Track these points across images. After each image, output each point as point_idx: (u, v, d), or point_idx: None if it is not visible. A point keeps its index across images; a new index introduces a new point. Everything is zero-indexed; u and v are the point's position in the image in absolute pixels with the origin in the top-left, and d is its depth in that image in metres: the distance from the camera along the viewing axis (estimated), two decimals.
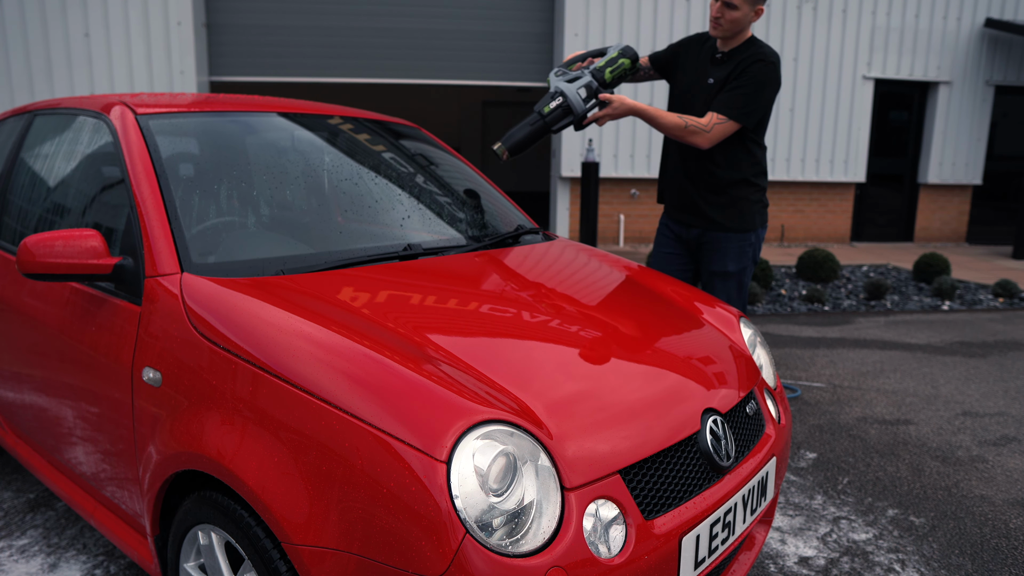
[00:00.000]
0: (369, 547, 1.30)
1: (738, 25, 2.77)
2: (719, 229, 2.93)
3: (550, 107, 2.67)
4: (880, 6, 9.82)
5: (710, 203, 2.92)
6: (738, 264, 2.95)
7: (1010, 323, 5.91)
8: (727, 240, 2.93)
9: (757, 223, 2.95)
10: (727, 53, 2.85)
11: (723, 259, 2.94)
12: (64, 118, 2.46)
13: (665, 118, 2.74)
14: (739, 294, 3.01)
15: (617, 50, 2.79)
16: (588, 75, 2.72)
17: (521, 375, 1.55)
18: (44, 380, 2.15)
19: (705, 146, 2.76)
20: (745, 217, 2.91)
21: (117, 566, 2.31)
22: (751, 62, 2.76)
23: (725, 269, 2.95)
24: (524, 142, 2.67)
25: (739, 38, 2.84)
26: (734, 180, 2.88)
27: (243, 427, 1.47)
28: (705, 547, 1.58)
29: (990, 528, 2.65)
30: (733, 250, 2.94)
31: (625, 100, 2.70)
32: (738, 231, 2.92)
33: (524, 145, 2.68)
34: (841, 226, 10.42)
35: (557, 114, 2.67)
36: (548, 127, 2.68)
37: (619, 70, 2.78)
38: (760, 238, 2.98)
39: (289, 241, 2.09)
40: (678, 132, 2.73)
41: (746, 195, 2.90)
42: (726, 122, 2.74)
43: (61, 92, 8.16)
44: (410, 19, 8.93)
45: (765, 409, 2.01)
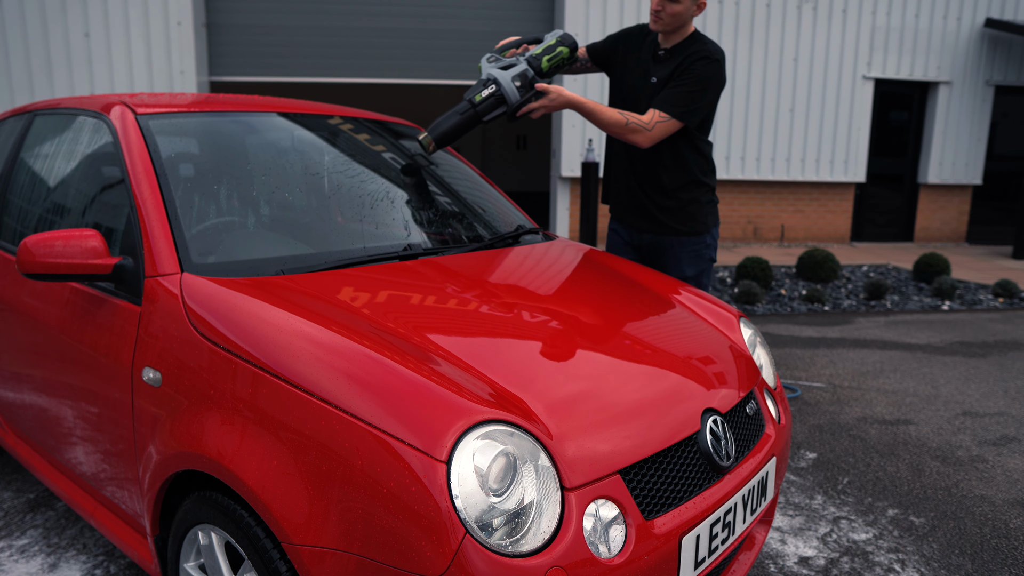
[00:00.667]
0: (369, 547, 1.30)
1: (680, 19, 2.65)
2: (673, 233, 2.82)
3: (482, 95, 2.47)
4: (880, 6, 9.82)
5: (661, 207, 2.81)
6: (696, 268, 2.86)
7: (1010, 323, 5.91)
8: (682, 245, 2.83)
9: (710, 223, 2.85)
10: (669, 50, 2.73)
11: (679, 264, 2.84)
12: (64, 118, 2.46)
13: (605, 114, 2.59)
14: None
15: (555, 37, 2.61)
16: (524, 63, 2.53)
17: (521, 375, 1.55)
18: (44, 380, 2.15)
19: (645, 145, 2.63)
20: (698, 219, 2.81)
21: (117, 566, 2.31)
22: (695, 59, 2.64)
23: (683, 274, 2.85)
24: (453, 132, 2.48)
25: (681, 33, 2.72)
26: (684, 182, 2.77)
27: (243, 427, 1.47)
28: (705, 547, 1.58)
29: (990, 528, 2.65)
30: (688, 254, 2.84)
31: (563, 92, 2.54)
32: (693, 234, 2.82)
33: (453, 136, 2.49)
34: (841, 226, 10.42)
35: (489, 103, 2.48)
36: (479, 117, 2.49)
37: (557, 59, 2.59)
38: (715, 237, 2.88)
39: (289, 241, 2.09)
40: (618, 129, 2.61)
41: (696, 196, 2.80)
42: (668, 120, 2.61)
43: (61, 92, 8.16)
44: (410, 19, 8.93)
45: (765, 409, 2.01)
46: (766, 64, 9.59)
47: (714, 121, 9.53)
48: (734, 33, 9.43)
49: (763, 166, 9.83)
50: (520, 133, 15.46)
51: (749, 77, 9.56)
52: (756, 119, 9.67)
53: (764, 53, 9.56)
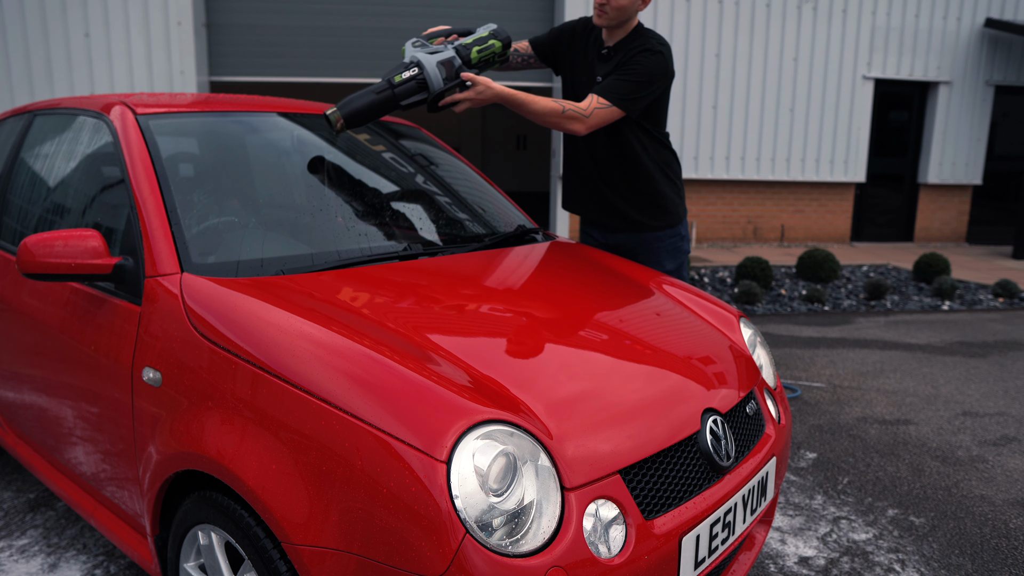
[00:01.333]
0: (369, 547, 1.30)
1: (625, 13, 2.59)
2: (647, 230, 2.80)
3: (402, 77, 2.29)
4: (880, 6, 9.82)
5: (632, 203, 2.77)
6: (675, 261, 2.84)
7: (1010, 323, 5.91)
8: (658, 239, 2.81)
9: (681, 213, 2.83)
10: (613, 47, 2.67)
11: (659, 259, 2.82)
12: (64, 118, 2.46)
13: (538, 104, 2.46)
14: None
15: (488, 30, 2.47)
16: (451, 50, 2.37)
17: (521, 375, 1.55)
18: (44, 380, 2.15)
19: (583, 132, 2.54)
20: (669, 211, 2.80)
21: (117, 566, 2.31)
22: (637, 51, 2.59)
23: (663, 269, 2.83)
24: (365, 112, 2.28)
25: (625, 28, 2.66)
26: (650, 175, 2.74)
27: (243, 427, 1.47)
28: (705, 547, 1.58)
29: (990, 528, 2.65)
30: (666, 248, 2.82)
31: (492, 84, 2.38)
32: (667, 227, 2.80)
33: (365, 116, 2.29)
34: (841, 226, 10.42)
35: (410, 87, 2.31)
36: (397, 99, 2.30)
37: (488, 52, 2.44)
38: (687, 228, 2.86)
39: (289, 241, 2.09)
40: (554, 119, 2.50)
41: (663, 189, 2.78)
42: (608, 107, 2.52)
43: (61, 92, 8.16)
44: (410, 19, 8.93)
45: (765, 409, 2.01)
46: (766, 64, 9.58)
47: (713, 122, 9.54)
48: (734, 33, 9.43)
49: (763, 166, 9.82)
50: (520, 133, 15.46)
51: (749, 77, 9.56)
52: (756, 119, 9.67)
53: (764, 53, 9.56)
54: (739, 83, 9.55)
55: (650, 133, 2.72)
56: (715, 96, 9.51)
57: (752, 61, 9.54)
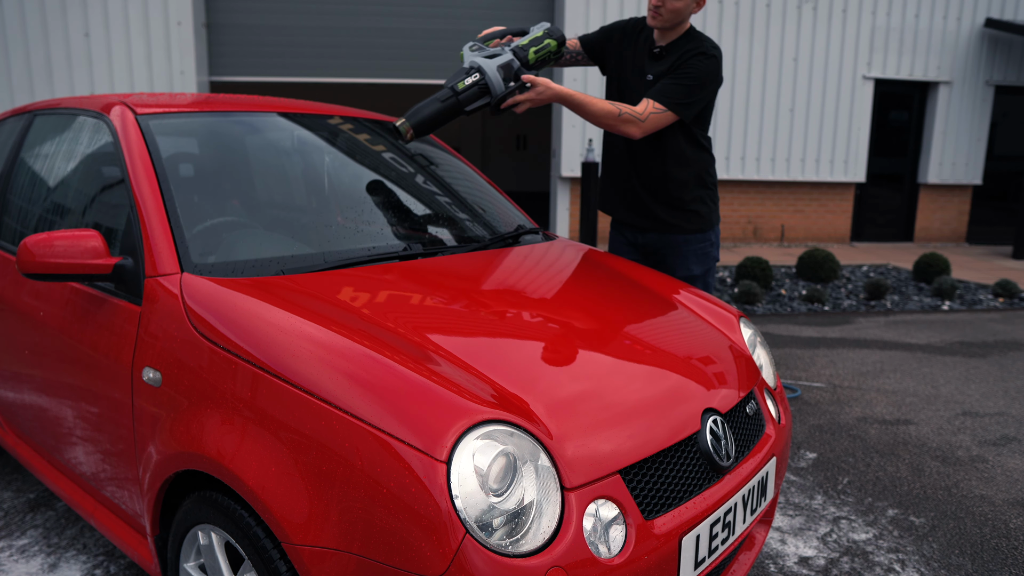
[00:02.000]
0: (369, 547, 1.30)
1: (679, 16, 2.60)
2: (678, 232, 2.79)
3: (465, 84, 2.35)
4: (880, 6, 9.82)
5: (665, 205, 2.77)
6: (702, 266, 2.83)
7: (1010, 323, 5.91)
8: (687, 243, 2.80)
9: (714, 220, 2.83)
10: (666, 47, 2.68)
11: (686, 263, 2.82)
12: (64, 118, 2.46)
13: (595, 105, 2.51)
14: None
15: (543, 30, 2.51)
16: (509, 53, 2.41)
17: (521, 375, 1.55)
18: (44, 380, 2.15)
19: (638, 136, 2.58)
20: (703, 216, 2.80)
21: (117, 566, 2.31)
22: (692, 55, 2.61)
23: (690, 273, 2.82)
24: (432, 120, 2.34)
25: (678, 30, 2.67)
26: (688, 179, 2.75)
27: (243, 427, 1.47)
28: (705, 547, 1.58)
29: (990, 528, 2.65)
30: (695, 252, 2.81)
31: (551, 84, 2.44)
32: (698, 231, 2.80)
33: (433, 124, 2.35)
34: (841, 226, 10.42)
35: (472, 93, 2.35)
36: (461, 106, 2.36)
37: (544, 51, 2.48)
38: (718, 235, 2.87)
39: (289, 241, 2.09)
40: (610, 121, 2.54)
41: (699, 194, 2.78)
42: (663, 112, 2.56)
43: (61, 92, 8.16)
44: (410, 19, 8.93)
45: (765, 409, 2.01)
46: (766, 64, 9.59)
47: (713, 121, 9.53)
48: (734, 33, 9.43)
49: (763, 166, 9.83)
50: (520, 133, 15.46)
51: (749, 77, 9.56)
52: (756, 119, 9.67)
53: (764, 53, 9.56)
54: (739, 83, 9.55)
55: (693, 137, 2.73)
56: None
57: (752, 61, 9.54)
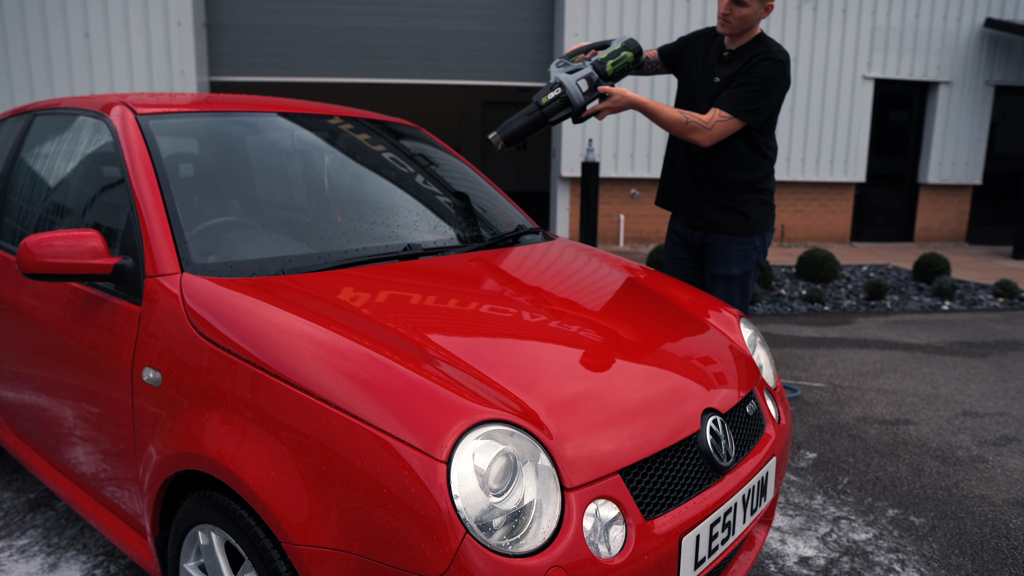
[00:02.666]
0: (369, 547, 1.30)
1: (747, 22, 2.71)
2: (722, 231, 2.88)
3: (548, 98, 2.61)
4: (880, 6, 9.82)
5: (714, 205, 2.87)
6: (741, 268, 2.89)
7: (1010, 323, 5.91)
8: (730, 243, 2.88)
9: (763, 227, 2.89)
10: (735, 51, 2.79)
11: (726, 262, 2.89)
12: (64, 118, 2.46)
13: (665, 113, 2.67)
14: (741, 298, 2.95)
15: (620, 43, 2.73)
16: (589, 66, 2.66)
17: (521, 375, 1.55)
18: (44, 380, 2.15)
19: (706, 144, 2.70)
20: (750, 220, 2.86)
21: (117, 566, 2.31)
22: (760, 59, 2.70)
23: (728, 272, 2.89)
24: (520, 132, 2.62)
25: (747, 35, 2.77)
26: (741, 183, 2.82)
27: (243, 427, 1.47)
28: (705, 547, 1.58)
29: (990, 528, 2.65)
30: (736, 253, 2.88)
31: (626, 93, 2.64)
32: (742, 234, 2.87)
33: (520, 136, 2.62)
34: (841, 226, 10.42)
35: (555, 105, 2.61)
36: (545, 118, 2.62)
37: (621, 63, 2.70)
38: (766, 242, 2.93)
39: (289, 241, 2.09)
40: (679, 128, 2.67)
41: (752, 199, 2.85)
42: (729, 119, 2.67)
43: (61, 92, 8.16)
44: (410, 19, 8.93)
45: (765, 409, 2.01)
46: None
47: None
48: None
49: None
50: None
51: None
52: None
53: None
54: None
55: (755, 143, 2.79)
56: None
57: None
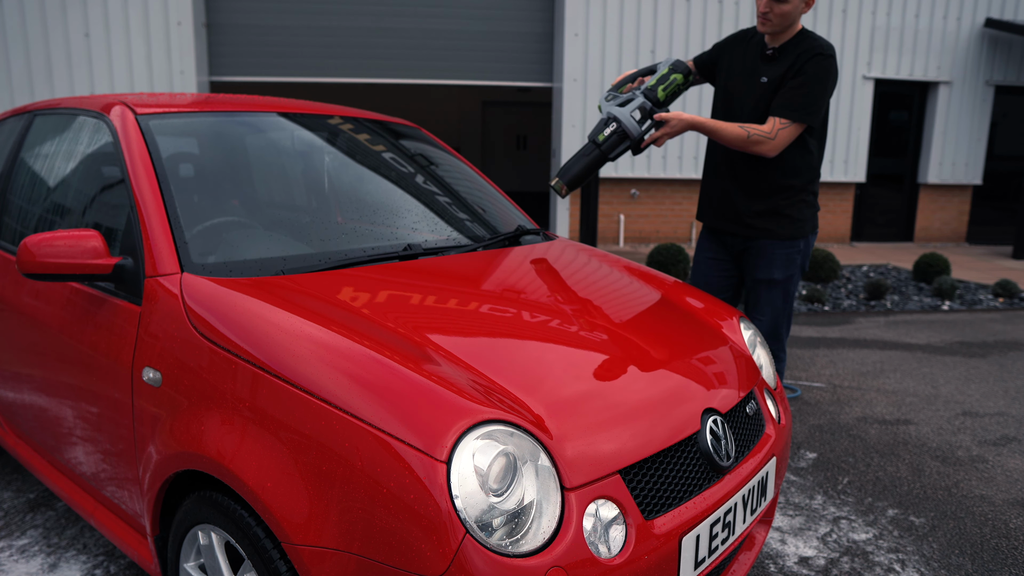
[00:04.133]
0: (369, 547, 1.30)
1: (788, 19, 2.63)
2: (767, 236, 2.79)
3: (604, 135, 2.57)
4: (880, 6, 9.82)
5: (760, 212, 2.78)
6: (785, 272, 2.81)
7: (1010, 323, 5.91)
8: (774, 247, 2.79)
9: (807, 229, 2.81)
10: (779, 48, 2.70)
11: (769, 266, 2.80)
12: (64, 118, 2.46)
13: (726, 130, 2.61)
14: (784, 303, 2.87)
15: (668, 66, 2.67)
16: (640, 96, 2.61)
17: (521, 375, 1.55)
18: (44, 380, 2.15)
19: (772, 154, 2.62)
20: (796, 223, 2.78)
21: (117, 566, 2.31)
22: (809, 57, 2.60)
23: (771, 277, 2.80)
24: (583, 174, 2.59)
25: (790, 32, 2.69)
26: (788, 186, 2.74)
27: (243, 427, 1.47)
28: (705, 547, 1.58)
29: (990, 528, 2.65)
30: (780, 257, 2.79)
31: (683, 116, 2.57)
32: (787, 238, 2.79)
33: (583, 178, 2.61)
34: (841, 226, 10.42)
35: (613, 140, 2.57)
36: (605, 156, 2.59)
37: (672, 87, 2.65)
38: (810, 244, 2.85)
39: (289, 241, 2.09)
40: (741, 143, 2.60)
41: (797, 201, 2.77)
42: (790, 126, 2.60)
43: (61, 92, 8.16)
44: (410, 19, 8.93)
45: (765, 409, 2.01)
46: None
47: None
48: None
49: None
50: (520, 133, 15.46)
51: None
52: None
53: None
54: None
55: (805, 145, 2.71)
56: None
57: None
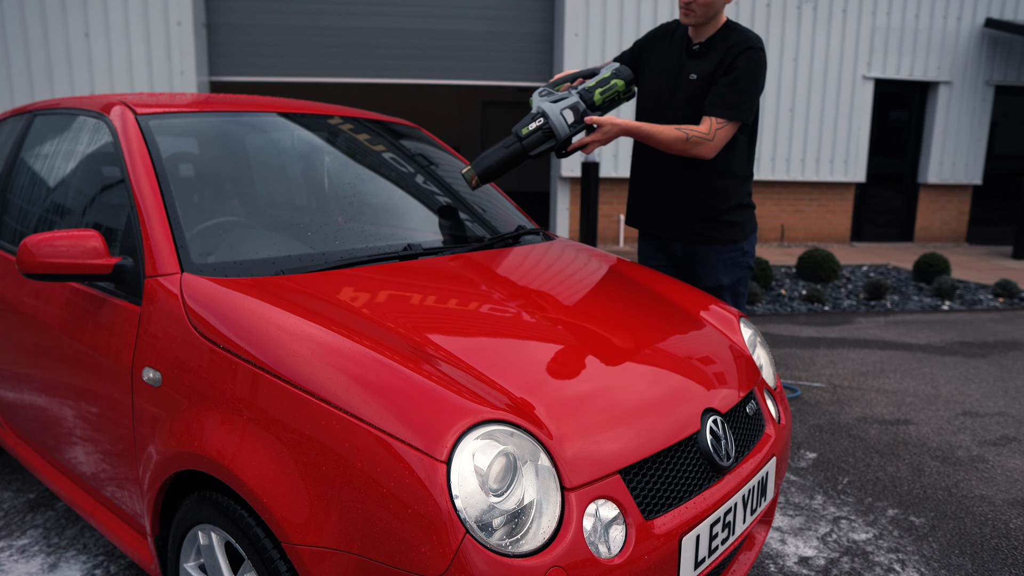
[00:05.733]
0: (369, 547, 1.30)
1: (712, 9, 2.51)
2: (706, 242, 2.70)
3: (529, 128, 2.38)
4: (880, 6, 9.82)
5: (697, 218, 2.68)
6: (731, 276, 2.73)
7: (1010, 323, 5.91)
8: (717, 253, 2.70)
9: (748, 230, 2.73)
10: (705, 43, 2.59)
11: (714, 273, 2.72)
12: (64, 118, 2.46)
13: (664, 133, 2.48)
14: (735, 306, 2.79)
15: (610, 71, 2.51)
16: (575, 95, 2.44)
17: (521, 375, 1.55)
18: (44, 380, 2.15)
19: (710, 155, 2.53)
20: (735, 226, 2.70)
21: (117, 566, 2.31)
22: (739, 51, 2.51)
23: (718, 284, 2.72)
24: (498, 167, 2.38)
25: (715, 24, 2.57)
26: (727, 189, 2.66)
27: (243, 427, 1.47)
28: (705, 547, 1.58)
29: (990, 528, 2.65)
30: (724, 262, 2.71)
31: (616, 121, 2.43)
32: (729, 242, 2.70)
33: (498, 171, 2.39)
34: (841, 226, 10.42)
35: (537, 137, 2.38)
36: (526, 151, 2.39)
37: (610, 92, 2.47)
38: (752, 244, 2.76)
39: (289, 241, 2.09)
40: (680, 146, 2.50)
41: (736, 205, 2.69)
42: (726, 125, 2.51)
43: (61, 92, 8.16)
44: (410, 19, 8.93)
45: (765, 409, 2.01)
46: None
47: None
48: None
49: (763, 166, 9.83)
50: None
51: None
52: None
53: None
54: None
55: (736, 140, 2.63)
56: None
57: None
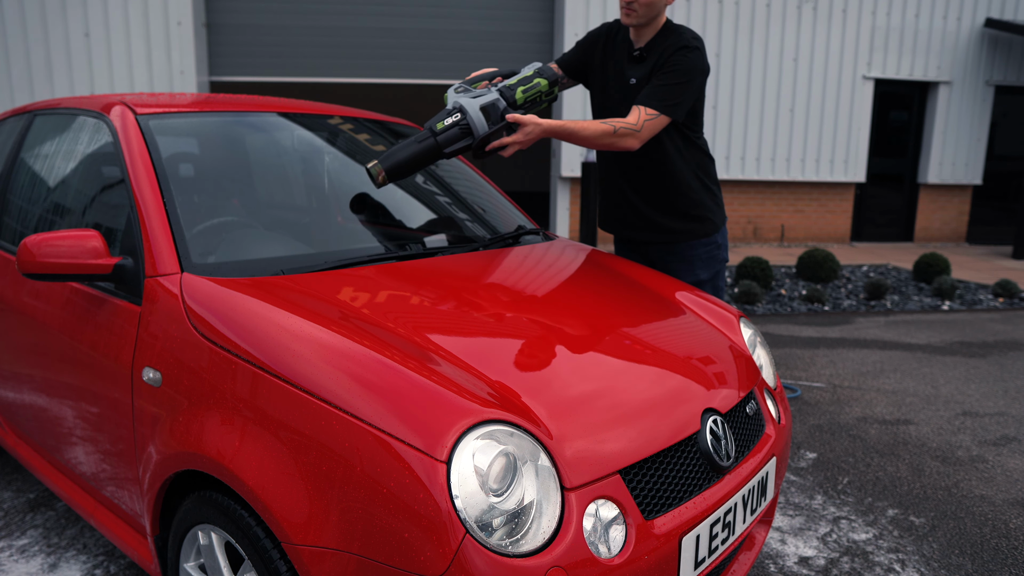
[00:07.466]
0: (369, 547, 1.30)
1: (653, 9, 2.49)
2: (684, 239, 2.70)
3: (444, 124, 2.22)
4: (880, 6, 9.82)
5: (668, 215, 2.67)
6: (710, 270, 2.74)
7: (1010, 323, 5.91)
8: (693, 248, 2.71)
9: (719, 221, 2.73)
10: (645, 47, 2.57)
11: (692, 269, 2.72)
12: (64, 118, 2.46)
13: (589, 129, 2.40)
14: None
15: (533, 69, 2.40)
16: (495, 93, 2.30)
17: (521, 375, 1.55)
18: (44, 380, 2.15)
19: (637, 147, 2.47)
20: (707, 220, 2.70)
21: (117, 566, 2.31)
22: (674, 50, 2.49)
23: (697, 279, 2.73)
24: (408, 164, 2.19)
25: (654, 26, 2.55)
26: (686, 183, 2.65)
27: (243, 427, 1.47)
28: (705, 547, 1.58)
29: (990, 528, 2.65)
30: (701, 257, 2.71)
31: (538, 121, 2.30)
32: (703, 236, 2.70)
33: (408, 167, 2.20)
34: (841, 226, 10.42)
35: (453, 134, 2.22)
36: (440, 148, 2.22)
37: (533, 91, 2.36)
38: (724, 236, 2.77)
39: (289, 241, 2.09)
40: (607, 140, 2.43)
41: (702, 198, 2.68)
42: (656, 117, 2.45)
43: (61, 92, 8.16)
44: (410, 19, 8.93)
45: (765, 409, 2.01)
46: (766, 64, 9.59)
47: (713, 121, 9.54)
48: (734, 33, 9.43)
49: (763, 166, 9.83)
50: None
51: (749, 77, 9.56)
52: (756, 119, 9.67)
53: (764, 53, 9.56)
54: (739, 83, 9.55)
55: (686, 138, 2.62)
56: (715, 96, 9.52)
57: (752, 61, 9.54)
